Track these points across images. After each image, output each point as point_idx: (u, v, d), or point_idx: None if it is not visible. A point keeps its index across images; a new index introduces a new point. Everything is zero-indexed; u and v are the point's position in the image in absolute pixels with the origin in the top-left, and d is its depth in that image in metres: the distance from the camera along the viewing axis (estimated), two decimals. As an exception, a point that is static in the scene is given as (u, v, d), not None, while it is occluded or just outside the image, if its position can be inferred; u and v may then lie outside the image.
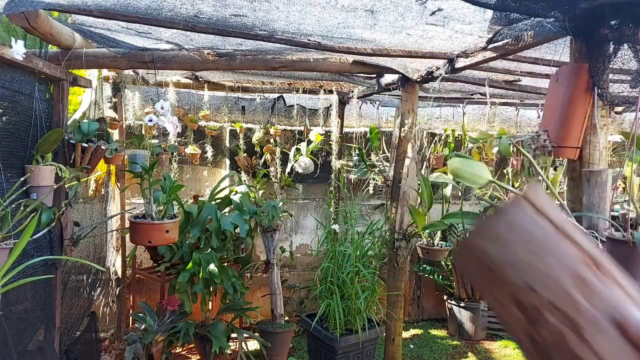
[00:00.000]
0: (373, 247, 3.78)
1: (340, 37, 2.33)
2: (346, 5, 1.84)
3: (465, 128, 4.26)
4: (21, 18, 1.90)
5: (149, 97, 3.98)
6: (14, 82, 2.09)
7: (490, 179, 1.60)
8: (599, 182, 1.50)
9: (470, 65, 2.44)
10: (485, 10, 1.79)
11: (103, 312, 3.79)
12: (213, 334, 3.21)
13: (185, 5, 1.91)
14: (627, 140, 1.55)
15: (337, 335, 3.45)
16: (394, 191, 3.24)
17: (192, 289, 3.24)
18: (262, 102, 4.52)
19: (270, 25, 2.16)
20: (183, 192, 4.19)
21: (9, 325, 1.96)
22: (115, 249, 3.89)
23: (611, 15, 1.43)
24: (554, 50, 2.18)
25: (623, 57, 1.46)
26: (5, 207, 1.79)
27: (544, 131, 1.58)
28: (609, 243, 1.42)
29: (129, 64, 2.62)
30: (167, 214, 2.64)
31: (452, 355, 4.23)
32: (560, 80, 1.59)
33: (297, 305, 4.73)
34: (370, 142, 4.60)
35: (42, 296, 2.38)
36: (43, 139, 2.24)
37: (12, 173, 2.10)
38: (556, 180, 2.34)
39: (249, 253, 3.79)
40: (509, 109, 4.96)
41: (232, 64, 2.64)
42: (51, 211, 2.25)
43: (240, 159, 4.27)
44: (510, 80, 3.37)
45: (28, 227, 1.54)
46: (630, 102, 1.47)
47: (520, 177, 3.92)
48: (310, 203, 4.82)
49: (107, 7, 1.96)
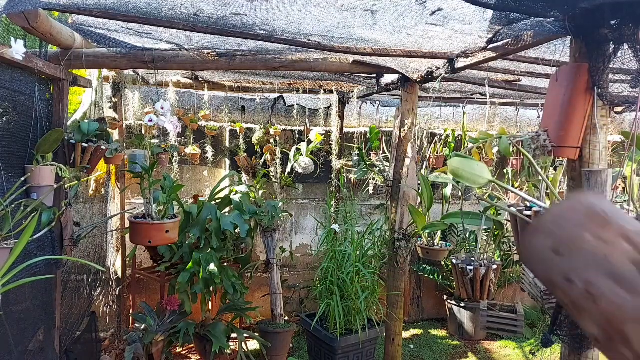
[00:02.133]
0: (373, 247, 3.78)
1: (340, 37, 2.33)
2: (346, 5, 1.84)
3: (465, 128, 4.26)
4: (21, 18, 1.90)
5: (149, 97, 3.98)
6: (14, 82, 2.09)
7: (490, 179, 1.60)
8: (599, 182, 1.49)
9: (470, 65, 2.44)
10: (485, 10, 1.79)
11: (103, 312, 3.79)
12: (213, 334, 3.21)
13: (185, 4, 1.91)
14: (627, 140, 1.55)
15: (337, 335, 3.45)
16: (394, 191, 3.24)
17: (192, 289, 3.24)
18: (262, 102, 4.52)
19: (270, 25, 2.16)
20: (183, 192, 4.19)
21: (9, 325, 1.96)
22: (115, 249, 3.89)
23: (611, 15, 1.43)
24: (554, 50, 2.18)
25: (623, 57, 1.46)
26: (5, 207, 1.79)
27: (544, 131, 1.58)
28: (609, 243, 1.42)
29: (129, 64, 2.62)
30: (167, 214, 2.64)
31: (452, 355, 4.23)
32: (560, 80, 1.58)
33: (297, 305, 4.73)
34: (370, 142, 4.60)
35: (42, 296, 2.38)
36: (43, 138, 2.24)
37: (13, 173, 2.10)
38: (556, 180, 2.34)
39: (249, 253, 3.79)
40: (509, 109, 4.96)
41: (232, 64, 2.64)
42: (51, 211, 2.25)
43: (240, 159, 4.27)
44: (510, 80, 3.37)
45: (28, 227, 1.54)
46: (630, 102, 1.47)
47: (520, 177, 3.92)
48: (310, 203, 4.82)
49: (107, 7, 1.96)
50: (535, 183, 2.82)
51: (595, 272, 0.47)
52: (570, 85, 1.53)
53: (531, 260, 0.54)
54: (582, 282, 0.48)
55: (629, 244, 0.48)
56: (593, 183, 1.50)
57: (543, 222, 0.54)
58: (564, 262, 0.50)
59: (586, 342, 1.54)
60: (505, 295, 4.78)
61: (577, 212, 0.52)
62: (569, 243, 0.50)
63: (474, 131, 5.25)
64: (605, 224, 0.50)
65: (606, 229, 0.49)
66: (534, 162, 1.62)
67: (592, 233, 0.49)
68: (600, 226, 0.50)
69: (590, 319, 0.47)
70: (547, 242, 0.52)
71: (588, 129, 1.54)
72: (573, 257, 0.49)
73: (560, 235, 0.51)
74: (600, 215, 0.51)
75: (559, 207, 0.54)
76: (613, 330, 0.45)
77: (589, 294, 0.47)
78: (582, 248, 0.49)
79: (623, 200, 2.34)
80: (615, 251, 0.47)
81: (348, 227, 3.85)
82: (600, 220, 0.50)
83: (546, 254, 0.51)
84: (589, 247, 0.49)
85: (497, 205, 2.48)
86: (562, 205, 0.54)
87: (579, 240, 0.50)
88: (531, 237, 0.54)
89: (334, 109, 4.45)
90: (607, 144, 1.59)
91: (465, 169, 1.59)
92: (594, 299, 0.46)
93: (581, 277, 0.48)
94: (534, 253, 0.53)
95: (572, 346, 1.58)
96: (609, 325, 0.45)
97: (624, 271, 0.46)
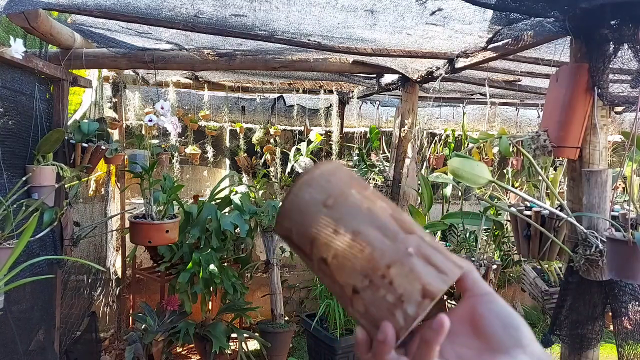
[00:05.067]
0: (373, 247, 3.77)
1: (340, 37, 2.33)
2: (346, 5, 1.84)
3: (465, 128, 4.26)
4: (21, 18, 1.90)
5: (149, 97, 3.98)
6: (15, 82, 2.09)
7: (490, 179, 1.60)
8: (599, 182, 1.50)
9: (470, 65, 2.44)
10: (485, 10, 1.80)
11: (103, 312, 3.79)
12: (213, 334, 3.21)
13: (185, 5, 1.91)
14: (627, 140, 1.55)
15: (337, 336, 3.45)
16: (394, 191, 3.24)
17: (192, 289, 3.24)
18: (262, 102, 4.52)
19: (270, 25, 2.16)
20: (183, 192, 4.19)
21: (8, 326, 1.97)
22: (115, 249, 3.89)
23: (611, 15, 1.43)
24: (554, 50, 2.18)
25: (623, 57, 1.46)
26: (7, 206, 1.79)
27: (544, 131, 1.58)
28: (609, 243, 1.42)
29: (129, 64, 2.62)
30: (167, 214, 2.64)
31: (452, 355, 4.23)
32: (560, 80, 1.59)
33: (297, 305, 4.73)
34: (370, 142, 4.60)
35: (42, 296, 2.38)
36: (44, 138, 2.24)
37: (14, 173, 2.10)
38: (556, 180, 2.34)
39: (249, 253, 3.79)
40: (509, 109, 4.96)
41: (232, 64, 2.64)
42: (53, 211, 2.25)
43: (240, 159, 4.27)
44: (510, 80, 3.37)
45: (28, 227, 1.54)
46: (630, 102, 1.47)
47: (520, 177, 3.92)
48: (310, 203, 4.81)
49: (107, 7, 1.96)
50: (535, 183, 2.82)
51: (362, 223, 0.52)
52: (570, 85, 1.53)
53: (296, 212, 0.55)
54: (350, 232, 0.51)
55: (384, 202, 0.54)
56: (593, 183, 1.51)
57: (313, 177, 0.56)
58: (333, 213, 0.53)
59: (586, 341, 1.55)
60: (505, 295, 4.78)
61: (343, 172, 0.57)
62: (337, 197, 0.54)
63: (474, 131, 5.25)
64: (365, 186, 0.56)
65: (366, 190, 0.55)
66: (534, 162, 1.62)
67: (357, 191, 0.54)
68: (362, 187, 0.55)
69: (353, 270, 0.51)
70: (318, 195, 0.54)
71: (588, 129, 1.54)
72: (342, 209, 0.53)
73: (330, 190, 0.54)
74: (360, 180, 0.57)
75: (326, 166, 0.58)
76: (375, 276, 0.49)
77: (356, 242, 0.51)
78: (350, 202, 0.53)
79: (623, 200, 2.34)
80: (376, 207, 0.53)
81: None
82: (361, 183, 0.56)
83: (316, 207, 0.54)
84: (356, 202, 0.53)
85: (497, 205, 2.48)
86: (328, 165, 0.58)
87: (346, 194, 0.54)
88: (299, 190, 0.56)
89: (334, 109, 4.45)
90: (607, 144, 1.60)
91: (465, 169, 1.59)
92: (362, 248, 0.50)
93: (349, 227, 0.52)
94: (302, 204, 0.55)
95: (572, 346, 1.58)
96: (372, 272, 0.49)
97: (385, 222, 0.51)
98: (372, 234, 0.51)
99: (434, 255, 0.50)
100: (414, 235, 0.51)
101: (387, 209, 0.53)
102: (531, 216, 1.86)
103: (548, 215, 1.79)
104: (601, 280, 1.50)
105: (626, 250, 1.35)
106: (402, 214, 0.54)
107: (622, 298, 1.49)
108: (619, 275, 1.39)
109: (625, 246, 1.35)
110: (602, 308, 1.55)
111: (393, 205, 0.55)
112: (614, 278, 1.44)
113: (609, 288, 1.52)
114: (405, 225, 0.52)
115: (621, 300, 1.49)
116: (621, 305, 1.50)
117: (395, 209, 0.54)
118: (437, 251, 0.50)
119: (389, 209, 0.54)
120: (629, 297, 1.49)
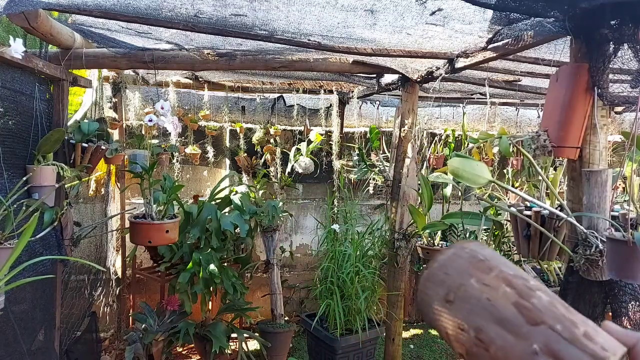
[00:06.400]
0: (373, 247, 3.78)
1: (340, 37, 2.33)
2: (346, 5, 1.84)
3: (465, 128, 4.26)
4: (21, 18, 1.90)
5: (149, 97, 3.98)
6: (15, 82, 2.09)
7: (490, 179, 1.60)
8: (599, 182, 1.50)
9: (470, 65, 2.45)
10: (485, 10, 1.80)
11: (103, 312, 3.79)
12: (213, 334, 3.21)
13: (185, 5, 1.91)
14: (627, 140, 1.55)
15: (337, 335, 3.45)
16: (394, 191, 3.24)
17: (192, 289, 3.24)
18: (262, 102, 4.52)
19: (270, 25, 2.16)
20: (183, 192, 4.19)
21: (9, 326, 1.97)
22: (115, 249, 3.89)
23: (611, 15, 1.43)
24: (554, 50, 2.18)
25: (623, 57, 1.46)
26: (8, 206, 1.79)
27: (544, 131, 1.58)
28: (609, 243, 1.42)
29: (129, 64, 2.62)
30: (167, 214, 2.64)
31: (452, 355, 4.23)
32: (560, 80, 1.59)
33: (297, 305, 4.73)
34: (370, 142, 4.60)
35: (43, 296, 2.38)
36: (44, 138, 2.24)
37: (15, 173, 2.10)
38: (556, 180, 2.34)
39: (249, 253, 3.79)
40: (509, 109, 4.96)
41: (232, 64, 2.64)
42: (53, 211, 2.25)
43: (240, 159, 4.27)
44: (510, 80, 3.37)
45: (28, 227, 1.54)
46: (630, 102, 1.47)
47: (520, 177, 3.92)
48: (310, 203, 4.82)
49: (107, 7, 1.96)
50: (535, 183, 2.82)
51: (482, 318, 0.47)
52: (571, 85, 1.53)
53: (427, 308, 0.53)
54: (472, 329, 0.48)
55: (510, 287, 0.48)
56: (593, 183, 1.51)
57: (432, 271, 0.53)
58: (455, 310, 0.50)
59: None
60: (505, 295, 4.77)
61: (461, 259, 0.53)
62: (457, 290, 0.50)
63: (474, 131, 5.25)
64: (487, 269, 0.50)
65: (488, 274, 0.50)
66: (534, 162, 1.62)
67: (477, 279, 0.50)
68: (483, 272, 0.50)
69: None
70: (440, 290, 0.51)
71: (588, 129, 1.55)
72: (462, 304, 0.49)
73: (450, 283, 0.51)
74: (482, 261, 0.51)
75: (444, 255, 0.54)
76: None
77: (480, 340, 0.47)
78: (469, 294, 0.49)
79: (623, 200, 2.34)
80: (498, 295, 0.48)
81: (348, 227, 3.85)
82: (482, 266, 0.51)
83: (439, 303, 0.51)
84: (475, 293, 0.49)
85: (497, 205, 2.48)
86: (447, 252, 0.55)
87: (465, 286, 0.50)
88: (424, 288, 0.53)
89: (334, 109, 4.45)
90: (607, 144, 1.60)
91: (466, 169, 1.59)
92: (486, 346, 0.46)
93: (471, 324, 0.48)
94: (428, 301, 0.52)
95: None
96: None
97: (507, 314, 0.46)
98: (493, 330, 0.46)
99: (565, 350, 0.43)
100: (541, 326, 0.45)
101: (511, 296, 0.48)
102: (531, 216, 1.86)
103: (548, 215, 1.79)
104: (601, 280, 1.50)
105: (626, 250, 1.35)
106: (532, 298, 0.47)
107: (622, 298, 1.49)
108: (619, 275, 1.39)
109: (625, 246, 1.35)
110: (602, 308, 1.55)
111: (522, 287, 0.49)
112: (614, 278, 1.44)
113: (609, 288, 1.52)
114: (531, 314, 0.46)
115: (621, 300, 1.50)
116: (621, 305, 1.50)
117: (524, 292, 0.48)
118: (569, 343, 0.44)
119: (515, 295, 0.48)
120: (629, 297, 1.49)
